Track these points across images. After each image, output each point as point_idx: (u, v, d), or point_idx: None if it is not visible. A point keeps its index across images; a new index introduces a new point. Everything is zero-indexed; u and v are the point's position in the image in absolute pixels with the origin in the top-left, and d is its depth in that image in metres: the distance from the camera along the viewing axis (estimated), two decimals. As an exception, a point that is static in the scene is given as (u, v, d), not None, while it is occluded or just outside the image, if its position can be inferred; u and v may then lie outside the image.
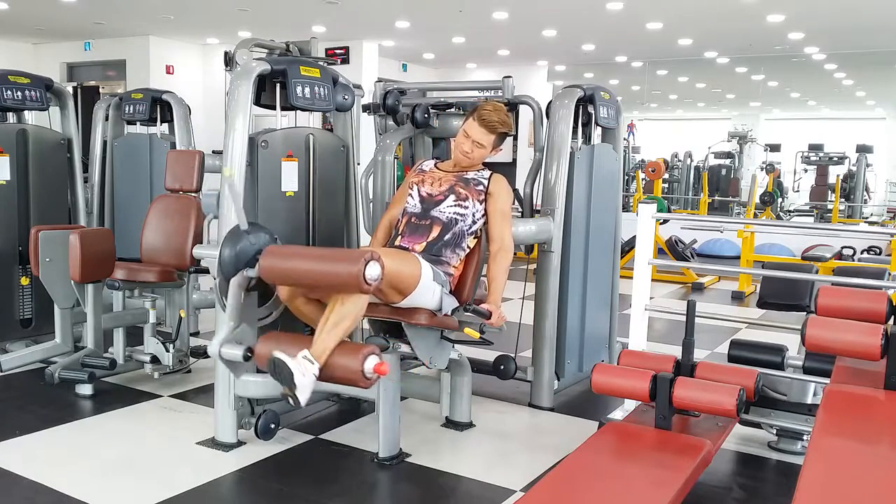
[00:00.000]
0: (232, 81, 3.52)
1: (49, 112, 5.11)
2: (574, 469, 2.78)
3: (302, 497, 3.06)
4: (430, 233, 3.41)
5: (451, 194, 3.45)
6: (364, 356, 2.90)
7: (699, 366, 3.29)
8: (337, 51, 10.31)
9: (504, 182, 3.56)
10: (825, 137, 13.19)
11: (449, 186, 3.48)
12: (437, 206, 3.45)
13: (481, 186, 3.48)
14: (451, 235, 3.41)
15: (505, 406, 4.19)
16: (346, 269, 2.84)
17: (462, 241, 3.44)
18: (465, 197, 3.45)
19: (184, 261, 4.34)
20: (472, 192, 3.46)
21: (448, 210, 3.43)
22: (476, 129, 3.47)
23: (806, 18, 8.28)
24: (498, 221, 3.46)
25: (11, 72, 4.82)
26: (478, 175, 3.53)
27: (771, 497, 3.23)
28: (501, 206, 3.47)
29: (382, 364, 2.91)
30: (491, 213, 3.46)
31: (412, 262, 3.21)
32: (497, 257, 3.44)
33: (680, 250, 8.94)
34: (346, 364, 2.92)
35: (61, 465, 3.30)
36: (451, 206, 3.43)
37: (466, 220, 3.43)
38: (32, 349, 4.45)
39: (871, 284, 3.41)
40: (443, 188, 3.48)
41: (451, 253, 3.42)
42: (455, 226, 3.42)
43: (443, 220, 3.42)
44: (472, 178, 3.51)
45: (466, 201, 3.44)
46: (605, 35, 9.72)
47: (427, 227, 3.43)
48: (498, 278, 3.43)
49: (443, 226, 3.41)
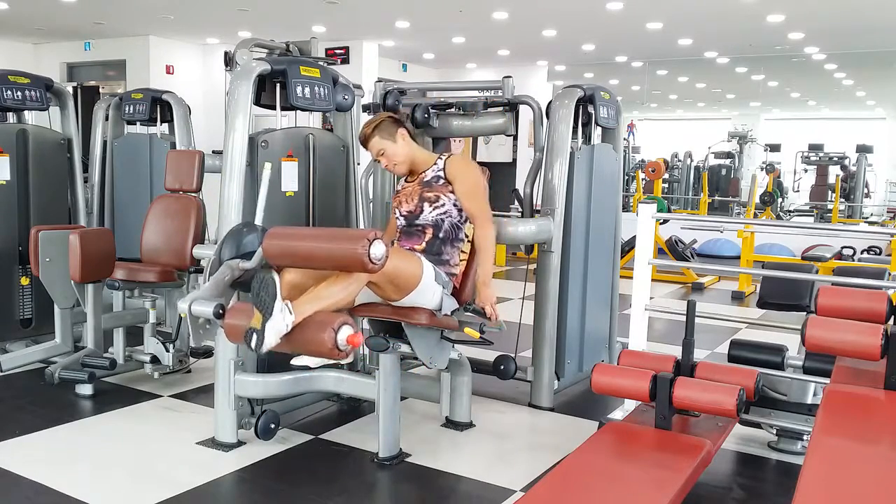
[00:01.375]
0: (232, 81, 3.53)
1: (49, 112, 5.11)
2: (574, 469, 2.78)
3: (302, 497, 3.06)
4: (425, 235, 3.45)
5: (423, 202, 3.48)
6: (338, 325, 2.78)
7: (699, 366, 3.29)
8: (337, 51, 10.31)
9: (458, 160, 3.58)
10: (825, 137, 13.18)
11: (418, 197, 3.50)
12: (418, 219, 3.48)
13: (441, 179, 3.51)
14: (444, 233, 3.44)
15: (505, 406, 4.19)
16: (350, 247, 2.76)
17: (459, 233, 3.48)
18: (435, 199, 3.47)
19: (184, 261, 4.34)
20: (437, 189, 3.49)
21: (430, 217, 3.45)
22: (372, 150, 3.54)
23: (806, 18, 8.27)
24: (467, 200, 3.47)
25: (11, 72, 4.82)
26: (434, 170, 3.54)
27: (771, 497, 3.23)
28: (465, 186, 3.48)
29: (356, 335, 2.80)
30: (459, 196, 3.47)
31: (414, 262, 3.22)
32: (477, 231, 3.47)
33: (680, 250, 8.94)
34: (317, 338, 2.79)
35: (61, 465, 3.30)
36: (431, 213, 3.45)
37: (451, 214, 3.46)
38: (32, 349, 4.45)
39: (871, 284, 3.41)
40: (415, 201, 3.50)
41: (451, 248, 3.45)
42: (444, 224, 3.45)
43: (430, 223, 3.46)
44: (432, 177, 3.53)
45: (439, 200, 3.46)
46: (605, 35, 9.71)
47: (420, 231, 3.47)
48: (484, 248, 3.45)
49: (433, 227, 3.45)
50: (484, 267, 3.44)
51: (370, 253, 2.74)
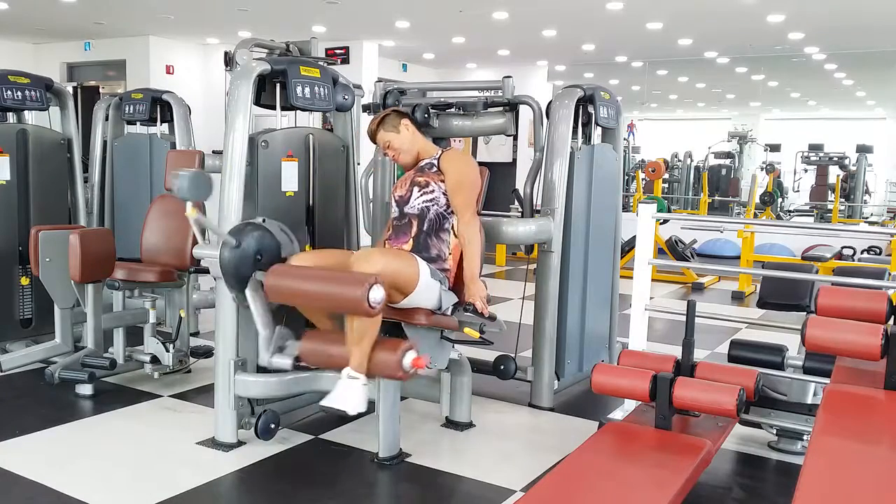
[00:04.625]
0: (232, 81, 3.52)
1: (49, 112, 5.11)
2: (574, 469, 2.78)
3: (302, 497, 3.06)
4: (411, 229, 3.47)
5: (414, 187, 3.53)
6: (402, 352, 3.04)
7: (699, 366, 3.29)
8: (337, 51, 10.30)
9: (453, 155, 3.63)
10: (825, 137, 13.19)
11: (410, 181, 3.57)
12: (407, 204, 3.52)
13: (435, 168, 3.56)
14: (428, 224, 3.47)
15: (505, 406, 4.19)
16: (350, 293, 2.91)
17: (444, 223, 3.49)
18: (425, 184, 3.51)
19: (184, 261, 4.34)
20: (429, 176, 3.54)
21: (417, 203, 3.49)
22: (379, 143, 3.67)
23: (806, 18, 8.27)
24: (454, 193, 3.49)
25: (11, 72, 4.82)
26: (430, 160, 3.61)
27: (771, 497, 3.23)
28: (453, 179, 3.51)
29: (419, 358, 3.06)
30: (448, 190, 3.50)
31: (411, 262, 3.24)
32: (460, 226, 3.47)
33: (680, 250, 8.94)
34: (386, 360, 3.07)
35: (61, 465, 3.30)
36: (419, 198, 3.49)
37: (438, 202, 3.48)
38: (32, 349, 4.45)
39: (871, 284, 3.41)
40: (406, 186, 3.56)
41: (436, 240, 3.47)
42: (429, 213, 3.47)
43: (416, 213, 3.49)
44: (427, 164, 3.60)
45: (428, 186, 3.50)
46: (605, 35, 9.71)
47: (407, 225, 3.50)
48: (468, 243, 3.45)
49: (418, 218, 3.48)
50: (470, 263, 3.45)
51: (369, 298, 2.87)
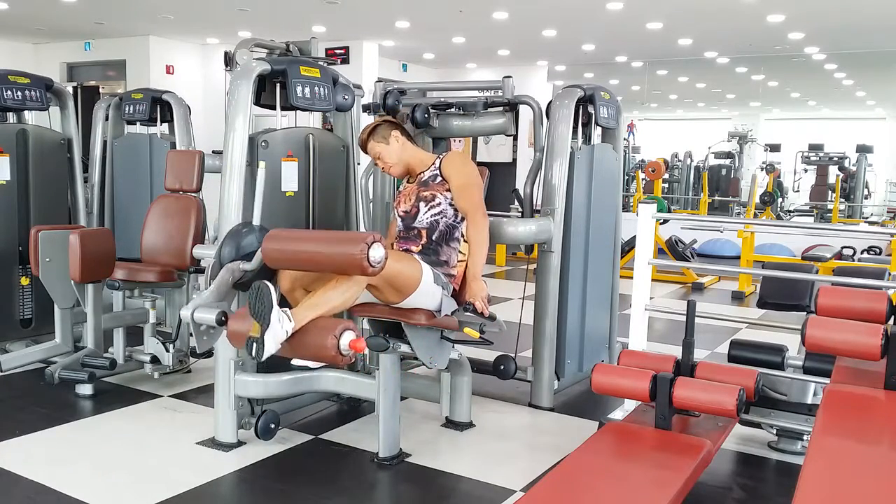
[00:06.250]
0: (232, 81, 3.52)
1: (49, 112, 5.11)
2: (574, 469, 2.78)
3: (302, 497, 3.06)
4: (421, 238, 3.47)
5: (420, 202, 3.50)
6: (340, 331, 2.81)
7: (699, 366, 3.29)
8: (337, 51, 10.30)
9: (453, 157, 3.61)
10: (825, 137, 13.18)
11: (415, 197, 3.53)
12: (415, 220, 3.50)
13: (438, 178, 3.53)
14: (438, 234, 3.45)
15: (505, 406, 4.19)
16: (349, 250, 2.78)
17: (455, 232, 3.48)
18: (431, 197, 3.49)
19: (184, 261, 4.34)
20: (434, 188, 3.51)
21: (426, 218, 3.47)
22: (370, 154, 3.64)
23: (806, 18, 8.27)
24: (460, 195, 3.47)
25: (11, 72, 4.82)
26: (431, 170, 3.57)
27: (771, 497, 3.23)
28: (458, 181, 3.48)
29: (358, 340, 2.84)
30: (453, 192, 3.48)
31: (413, 264, 3.23)
32: (469, 226, 3.44)
33: (680, 250, 8.94)
34: (320, 337, 2.83)
35: (61, 465, 3.30)
36: (426, 212, 3.47)
37: (447, 213, 3.47)
38: (32, 349, 4.45)
39: (871, 284, 3.41)
40: (412, 201, 3.53)
41: (447, 248, 3.45)
42: (439, 225, 3.46)
43: (425, 226, 3.47)
44: (429, 176, 3.56)
45: (434, 200, 3.48)
46: (605, 35, 9.71)
47: (416, 235, 3.48)
48: (475, 242, 3.41)
49: (427, 231, 3.46)
50: (475, 261, 3.42)
51: (369, 256, 2.75)
